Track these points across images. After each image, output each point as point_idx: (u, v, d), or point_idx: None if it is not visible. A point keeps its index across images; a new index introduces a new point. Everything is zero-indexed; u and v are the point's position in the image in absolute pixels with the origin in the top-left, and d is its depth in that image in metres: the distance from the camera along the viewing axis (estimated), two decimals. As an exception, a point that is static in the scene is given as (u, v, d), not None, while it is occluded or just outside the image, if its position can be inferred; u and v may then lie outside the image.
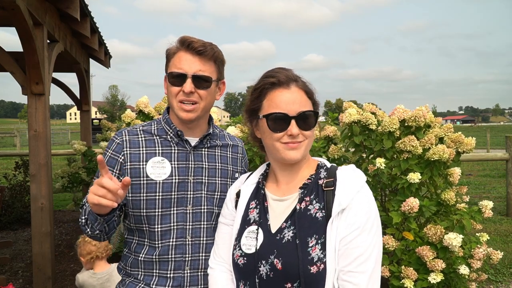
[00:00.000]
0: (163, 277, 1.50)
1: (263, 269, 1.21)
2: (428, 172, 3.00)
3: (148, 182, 1.50)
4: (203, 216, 1.55)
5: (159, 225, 1.50)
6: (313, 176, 1.30)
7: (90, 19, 5.18)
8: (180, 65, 1.48)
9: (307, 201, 1.25)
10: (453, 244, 2.64)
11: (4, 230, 6.59)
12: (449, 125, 3.31)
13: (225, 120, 4.45)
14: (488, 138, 20.68)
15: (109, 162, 1.52)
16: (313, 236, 1.18)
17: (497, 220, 6.88)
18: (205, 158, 1.60)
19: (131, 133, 1.57)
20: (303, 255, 1.16)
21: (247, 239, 1.28)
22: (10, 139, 30.47)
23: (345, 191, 1.21)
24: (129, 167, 1.51)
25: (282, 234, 1.23)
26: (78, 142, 4.79)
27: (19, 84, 4.01)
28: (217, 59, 1.53)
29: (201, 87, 1.49)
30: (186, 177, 1.54)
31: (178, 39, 1.52)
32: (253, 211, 1.33)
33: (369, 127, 3.07)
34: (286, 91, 1.25)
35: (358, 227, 1.16)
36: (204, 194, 1.56)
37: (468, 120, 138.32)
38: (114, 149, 1.54)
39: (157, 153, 1.53)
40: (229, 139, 1.72)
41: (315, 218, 1.21)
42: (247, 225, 1.31)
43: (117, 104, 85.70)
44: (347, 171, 1.28)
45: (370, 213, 1.19)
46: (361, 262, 1.14)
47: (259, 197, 1.35)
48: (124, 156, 1.52)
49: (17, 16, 3.32)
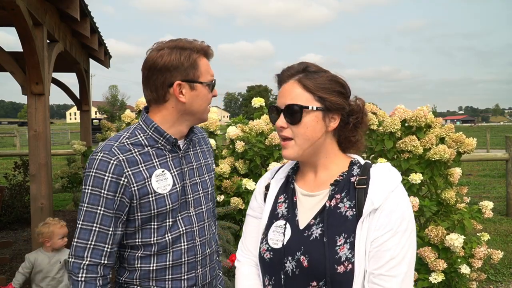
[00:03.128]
0: (177, 280, 1.49)
1: (289, 265, 1.18)
2: (428, 172, 3.00)
3: (157, 198, 1.44)
4: (204, 215, 1.58)
5: (169, 234, 1.47)
6: (345, 173, 1.25)
7: (90, 19, 5.18)
8: (211, 72, 1.53)
9: (338, 198, 1.20)
10: (455, 245, 2.65)
11: (4, 230, 6.58)
12: (451, 125, 3.31)
13: (225, 120, 4.45)
14: (488, 138, 20.68)
15: (111, 186, 1.38)
16: (342, 235, 1.15)
17: (497, 220, 6.88)
18: (192, 158, 1.61)
19: (122, 150, 1.42)
20: (330, 254, 1.13)
21: (274, 234, 1.25)
22: (10, 139, 30.46)
23: (379, 190, 1.15)
24: (135, 188, 1.41)
25: (310, 230, 1.20)
26: (78, 142, 4.79)
27: (19, 84, 4.00)
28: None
29: None
30: (184, 181, 1.54)
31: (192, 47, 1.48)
32: (281, 205, 1.31)
33: (370, 127, 3.07)
34: (284, 86, 1.26)
35: (391, 229, 1.12)
36: (201, 193, 1.59)
37: (468, 120, 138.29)
38: (113, 171, 1.38)
39: (156, 166, 1.47)
40: (197, 132, 1.68)
41: (344, 216, 1.17)
42: (275, 219, 1.29)
43: (117, 104, 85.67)
44: (382, 169, 1.22)
45: (404, 215, 1.14)
46: (393, 265, 1.10)
47: (288, 191, 1.32)
48: (127, 178, 1.40)
49: (17, 16, 3.31)
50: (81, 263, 1.37)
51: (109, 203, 1.39)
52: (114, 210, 1.39)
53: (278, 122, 1.23)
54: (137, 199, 1.41)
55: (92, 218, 1.38)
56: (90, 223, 1.38)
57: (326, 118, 1.23)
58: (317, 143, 1.24)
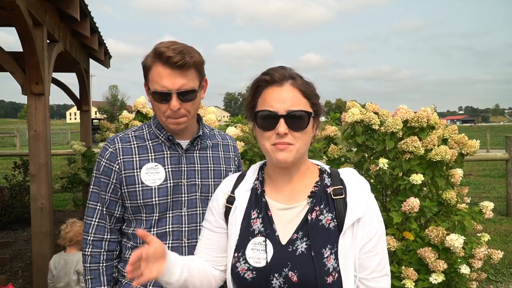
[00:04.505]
0: None
1: (276, 282, 1.15)
2: (429, 173, 3.00)
3: (144, 189, 1.52)
4: (198, 218, 1.56)
5: (155, 229, 1.52)
6: (319, 183, 1.25)
7: (90, 19, 5.18)
8: (162, 82, 1.43)
9: (317, 210, 1.21)
10: (455, 245, 2.64)
11: (4, 230, 6.59)
12: (454, 127, 3.30)
13: (224, 120, 4.44)
14: (488, 138, 20.67)
15: (105, 171, 1.55)
16: (328, 246, 1.17)
17: (497, 220, 6.88)
18: (197, 160, 1.60)
19: (123, 140, 1.57)
20: (320, 267, 1.14)
21: (254, 252, 1.20)
22: (10, 139, 30.45)
23: (357, 200, 1.20)
24: (124, 175, 1.53)
25: (294, 245, 1.18)
26: (78, 143, 4.78)
27: (19, 84, 4.00)
28: (197, 65, 1.48)
29: (187, 100, 1.47)
30: (179, 180, 1.55)
31: (153, 50, 1.46)
32: (256, 221, 1.24)
33: (372, 127, 3.07)
34: (279, 89, 1.19)
35: (375, 234, 1.20)
36: (198, 196, 1.57)
37: (468, 120, 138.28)
38: (108, 158, 1.55)
39: (150, 159, 1.54)
40: (220, 138, 1.71)
41: (328, 229, 1.19)
42: (251, 237, 1.22)
43: (117, 104, 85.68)
44: (352, 177, 1.26)
45: (380, 218, 1.23)
46: (382, 266, 1.20)
47: (260, 205, 1.25)
48: (119, 165, 1.53)
49: (17, 16, 3.31)
50: (87, 239, 1.55)
51: (103, 186, 1.55)
52: (109, 192, 1.55)
53: (281, 129, 1.16)
54: (125, 187, 1.53)
55: (96, 198, 1.57)
56: (94, 203, 1.57)
57: (315, 124, 1.26)
58: (307, 149, 1.27)
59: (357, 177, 1.28)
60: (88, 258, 1.54)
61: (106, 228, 1.56)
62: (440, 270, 2.69)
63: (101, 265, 1.54)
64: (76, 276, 3.17)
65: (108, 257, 1.56)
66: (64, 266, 3.16)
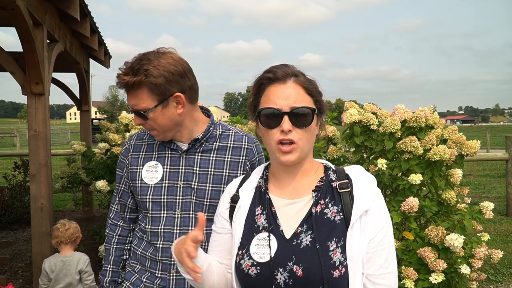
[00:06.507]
0: (153, 274, 1.56)
1: (281, 277, 1.14)
2: (428, 172, 3.00)
3: (142, 186, 1.58)
4: (191, 221, 1.53)
5: (149, 226, 1.57)
6: (324, 178, 1.25)
7: (90, 19, 5.18)
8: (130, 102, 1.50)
9: (322, 204, 1.20)
10: (455, 245, 2.64)
11: (4, 230, 6.58)
12: (454, 127, 3.29)
13: (224, 120, 4.43)
14: (488, 138, 20.67)
15: (119, 165, 1.68)
16: (333, 239, 1.15)
17: (497, 220, 6.87)
18: (197, 162, 1.56)
19: (138, 137, 1.67)
20: (325, 260, 1.12)
21: (258, 247, 1.19)
22: (10, 139, 30.45)
23: (364, 193, 1.19)
24: (129, 170, 1.62)
25: (299, 239, 1.17)
26: (78, 143, 4.77)
27: (19, 84, 4.00)
28: (150, 85, 1.41)
29: (144, 118, 1.47)
30: (175, 181, 1.55)
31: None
32: (260, 217, 1.24)
33: (370, 128, 3.07)
34: (282, 86, 1.19)
35: (382, 228, 1.17)
36: (193, 199, 1.54)
37: (468, 120, 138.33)
38: (123, 153, 1.67)
39: (153, 158, 1.60)
40: (233, 140, 1.61)
41: (333, 221, 1.17)
42: (255, 233, 1.22)
43: (117, 104, 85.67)
44: (358, 172, 1.26)
45: (387, 213, 1.21)
46: (389, 262, 1.18)
47: (264, 202, 1.25)
48: (129, 160, 1.64)
49: (17, 16, 3.31)
50: (108, 222, 1.73)
51: (118, 178, 1.69)
52: (122, 184, 1.68)
53: (285, 126, 1.15)
54: (130, 181, 1.62)
55: (116, 188, 1.71)
56: (115, 193, 1.72)
57: (318, 121, 1.25)
58: (311, 147, 1.26)
59: (363, 172, 1.26)
60: (106, 238, 1.72)
61: (120, 216, 1.70)
62: (440, 270, 2.69)
63: (112, 246, 1.70)
64: (79, 276, 3.17)
65: (119, 241, 1.70)
66: (63, 268, 3.14)
